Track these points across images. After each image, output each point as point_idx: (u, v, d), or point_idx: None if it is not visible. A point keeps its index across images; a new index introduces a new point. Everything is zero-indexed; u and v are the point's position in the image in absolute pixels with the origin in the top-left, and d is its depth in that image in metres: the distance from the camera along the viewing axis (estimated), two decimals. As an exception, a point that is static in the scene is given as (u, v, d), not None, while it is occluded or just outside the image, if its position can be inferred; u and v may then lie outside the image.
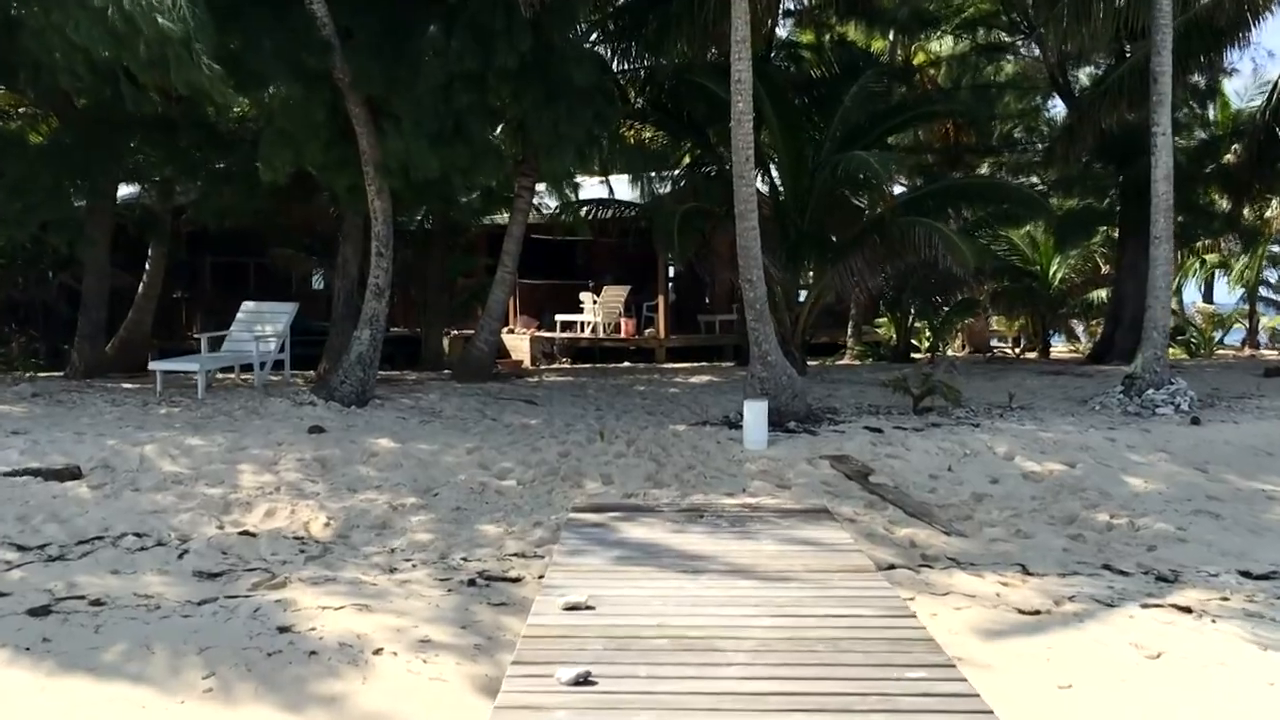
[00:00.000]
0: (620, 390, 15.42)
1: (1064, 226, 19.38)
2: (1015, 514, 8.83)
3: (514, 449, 10.23)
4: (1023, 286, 21.52)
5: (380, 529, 8.13)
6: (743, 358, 20.65)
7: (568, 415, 12.56)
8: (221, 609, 6.51)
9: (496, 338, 16.03)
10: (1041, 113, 23.10)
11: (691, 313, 26.78)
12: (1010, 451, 10.29)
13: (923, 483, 9.53)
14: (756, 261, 10.77)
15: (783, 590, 5.38)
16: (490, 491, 9.03)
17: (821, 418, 11.63)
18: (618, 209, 17.42)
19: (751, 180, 10.61)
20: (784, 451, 10.11)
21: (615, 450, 10.27)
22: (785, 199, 15.49)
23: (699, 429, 11.23)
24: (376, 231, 12.22)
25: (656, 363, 22.67)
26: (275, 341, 13.68)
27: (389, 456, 9.82)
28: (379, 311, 12.32)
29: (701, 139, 16.62)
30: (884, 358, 23.24)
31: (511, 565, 7.40)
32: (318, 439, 10.25)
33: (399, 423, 11.44)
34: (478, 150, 11.34)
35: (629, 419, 12.44)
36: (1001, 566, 7.62)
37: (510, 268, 15.27)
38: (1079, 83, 20.33)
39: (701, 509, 7.81)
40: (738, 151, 10.54)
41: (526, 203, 15.30)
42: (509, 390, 14.47)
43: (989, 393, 14.04)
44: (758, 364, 11.13)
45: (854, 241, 14.72)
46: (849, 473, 9.58)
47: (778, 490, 9.13)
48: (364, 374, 12.15)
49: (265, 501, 8.47)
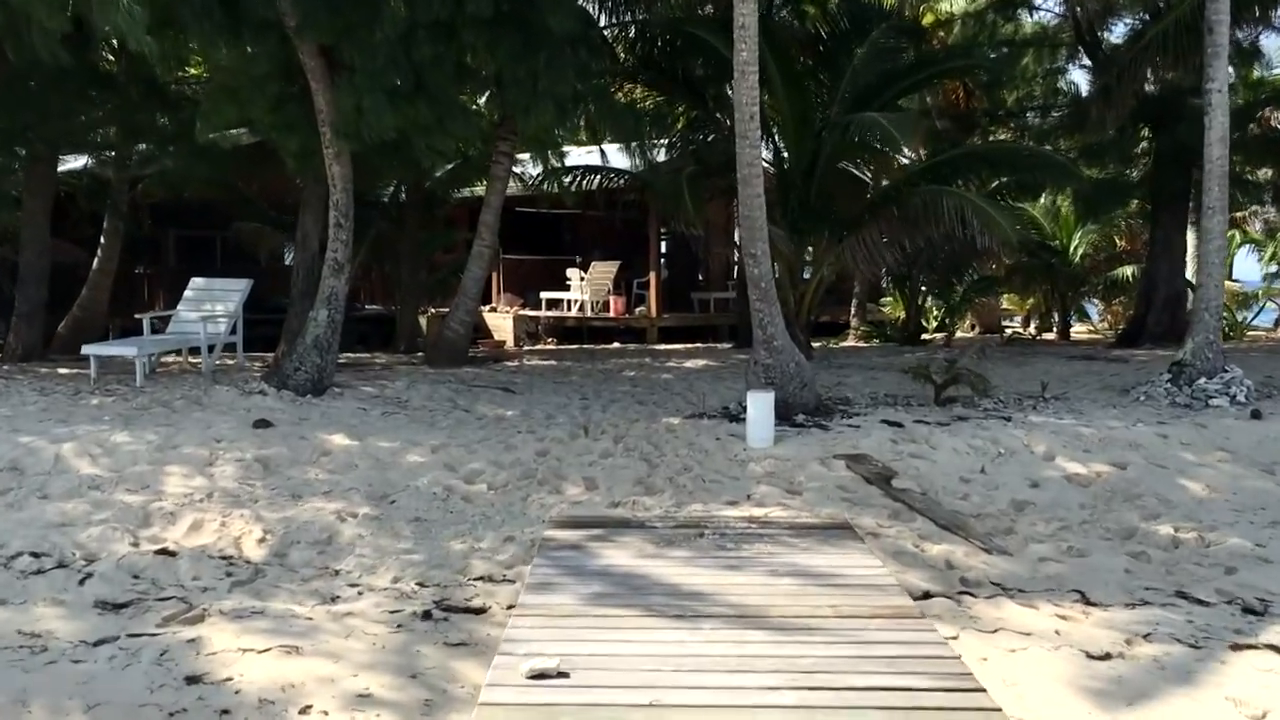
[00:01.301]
0: (608, 376, 14.40)
1: (1096, 196, 18.29)
2: (1063, 526, 7.81)
3: (486, 446, 9.20)
4: (1042, 263, 20.48)
5: (325, 545, 7.09)
6: (740, 339, 19.69)
7: (549, 405, 11.54)
8: (121, 652, 5.47)
9: (473, 318, 14.99)
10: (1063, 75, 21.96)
11: (685, 290, 25.96)
12: (1050, 450, 9.27)
13: (953, 487, 8.51)
14: (761, 234, 9.71)
15: (808, 647, 4.35)
16: (456, 498, 8.00)
17: (833, 409, 10.61)
18: (606, 177, 16.30)
19: (756, 141, 9.54)
20: (793, 450, 9.08)
21: (601, 448, 9.24)
22: (789, 166, 14.42)
23: (696, 422, 10.22)
24: (335, 200, 11.14)
25: (648, 343, 21.77)
26: (226, 322, 12.60)
27: (343, 456, 8.79)
28: (338, 289, 11.25)
29: (698, 100, 15.52)
30: (891, 339, 22.31)
31: (475, 592, 6.37)
32: (263, 435, 9.22)
33: (358, 415, 10.40)
34: (442, 108, 10.22)
35: (617, 410, 11.42)
36: (1056, 594, 6.60)
37: (488, 241, 14.22)
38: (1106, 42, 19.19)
39: (701, 523, 6.77)
40: (740, 108, 9.46)
41: (505, 169, 14.23)
42: (485, 376, 13.43)
43: (1016, 380, 13.03)
44: (761, 349, 10.09)
45: (867, 213, 13.65)
46: (868, 476, 8.55)
47: (787, 497, 8.10)
48: (321, 359, 11.10)
49: (192, 511, 7.42)
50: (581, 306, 23.18)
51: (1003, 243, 12.25)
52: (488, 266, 14.77)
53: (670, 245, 27.00)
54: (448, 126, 10.37)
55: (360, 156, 11.95)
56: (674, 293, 25.42)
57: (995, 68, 17.60)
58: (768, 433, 9.26)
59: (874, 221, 13.30)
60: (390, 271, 20.08)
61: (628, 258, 24.30)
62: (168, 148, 13.82)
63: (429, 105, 10.09)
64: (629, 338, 22.81)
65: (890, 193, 13.85)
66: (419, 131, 10.36)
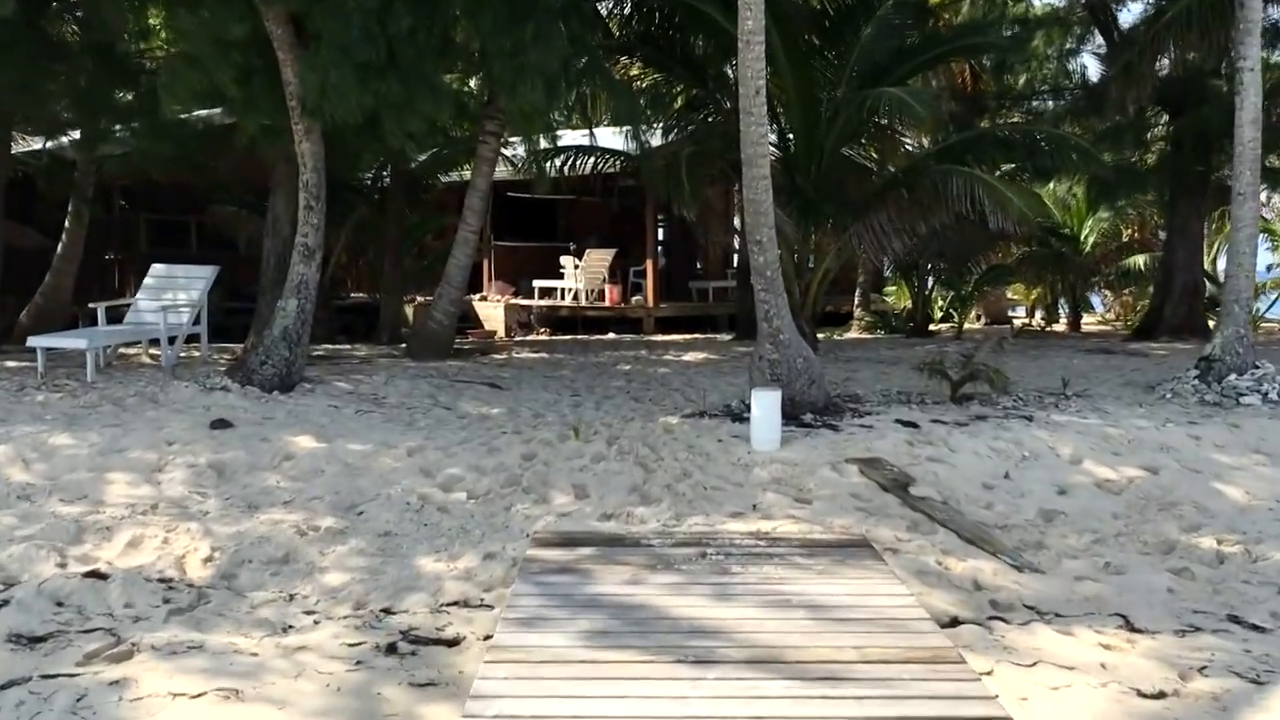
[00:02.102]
0: (602, 370, 13.73)
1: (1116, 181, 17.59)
2: (1097, 538, 7.15)
3: (467, 449, 8.53)
4: (1053, 252, 19.79)
5: (280, 565, 6.40)
6: (741, 330, 19.04)
7: (537, 403, 10.88)
8: (32, 697, 4.78)
9: (458, 308, 14.30)
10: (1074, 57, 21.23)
11: (682, 279, 25.43)
12: (1077, 453, 8.61)
13: (976, 494, 7.85)
14: (767, 219, 9.01)
15: (835, 705, 3.67)
16: (431, 508, 7.32)
17: (843, 408, 9.93)
18: (600, 159, 15.57)
19: (763, 117, 8.83)
20: (801, 453, 8.41)
21: (592, 451, 8.56)
22: (795, 148, 13.69)
23: (696, 422, 9.55)
24: (305, 180, 10.43)
25: (644, 334, 21.16)
26: (189, 312, 11.88)
27: (308, 460, 8.10)
28: (309, 277, 10.55)
29: (698, 78, 14.80)
30: (896, 330, 21.67)
31: (449, 620, 5.69)
32: (221, 437, 8.53)
33: (329, 414, 9.72)
34: (413, 85, 9.47)
35: (611, 407, 10.76)
36: (1096, 618, 5.93)
37: (474, 226, 13.53)
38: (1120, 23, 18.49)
39: (703, 540, 6.11)
40: (745, 82, 8.76)
41: (492, 150, 13.54)
42: (470, 370, 12.75)
43: (1033, 375, 12.36)
44: (767, 343, 9.40)
45: (876, 196, 12.94)
46: (884, 482, 7.88)
47: (796, 506, 7.43)
48: (290, 353, 10.40)
49: (132, 526, 6.73)
50: (576, 295, 22.60)
51: (1018, 222, 11.52)
52: (473, 253, 14.07)
53: (668, 232, 26.41)
54: (417, 105, 9.62)
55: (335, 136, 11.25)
56: (671, 281, 24.88)
57: (1010, 46, 16.86)
58: (774, 434, 8.59)
59: (883, 206, 12.59)
60: (374, 258, 19.39)
61: (624, 245, 23.74)
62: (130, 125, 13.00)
63: (400, 82, 9.36)
64: (625, 328, 22.25)
65: (900, 175, 13.13)
66: (389, 110, 9.62)
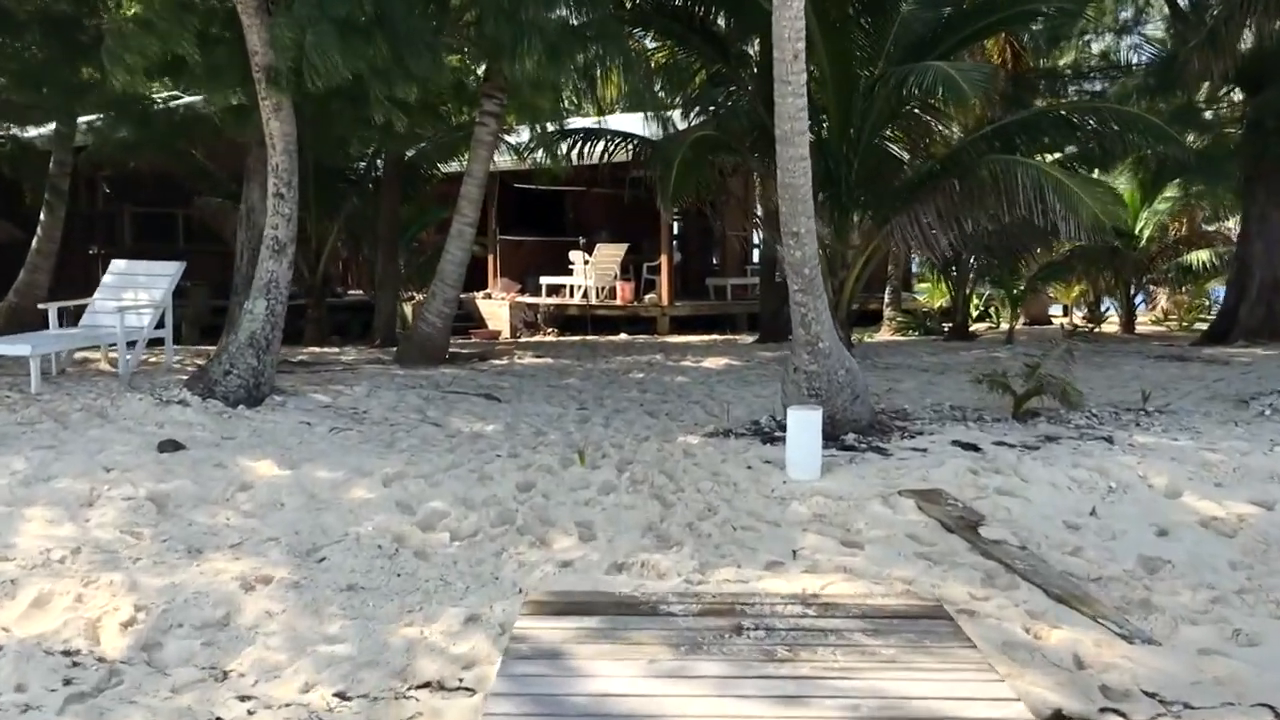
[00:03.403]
0: (612, 378, 12.63)
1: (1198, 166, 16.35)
2: (1215, 596, 6.01)
3: (454, 477, 7.45)
4: (1105, 247, 18.62)
5: (217, 629, 5.30)
6: (765, 331, 17.96)
7: (539, 418, 9.81)
8: None
9: (452, 309, 13.23)
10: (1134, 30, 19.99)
11: (699, 276, 24.58)
12: (1173, 484, 7.48)
13: (1058, 537, 6.71)
14: (806, 207, 7.90)
15: None
16: (407, 553, 6.22)
17: (890, 426, 8.84)
18: (610, 142, 14.47)
19: (801, 88, 7.70)
20: (846, 483, 7.31)
21: (600, 480, 7.48)
22: (830, 131, 12.55)
23: (720, 443, 8.47)
24: (274, 164, 9.35)
25: (658, 334, 20.13)
26: (151, 314, 10.80)
27: (266, 491, 7.02)
28: (279, 274, 9.48)
29: (721, 53, 13.66)
30: (932, 331, 20.57)
31: (418, 709, 4.60)
32: (168, 462, 7.47)
33: (299, 432, 8.65)
34: (405, 43, 8.37)
35: (622, 423, 9.68)
36: (1237, 710, 4.81)
37: (470, 218, 12.46)
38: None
39: (737, 607, 5.01)
40: (782, 44, 7.63)
41: (491, 133, 12.46)
42: (465, 379, 11.68)
43: (1102, 386, 11.24)
44: (804, 352, 8.28)
45: (921, 186, 11.81)
46: (948, 522, 6.77)
47: (844, 552, 6.32)
48: (258, 361, 9.34)
49: (42, 578, 5.65)
50: (585, 293, 21.69)
51: (1094, 227, 10.36)
52: (470, 247, 12.99)
53: (683, 225, 25.46)
54: (411, 68, 8.52)
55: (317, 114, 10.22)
56: (687, 278, 24.03)
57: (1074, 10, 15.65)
58: (814, 461, 7.49)
59: (929, 197, 11.47)
60: (370, 254, 18.39)
61: (636, 239, 22.80)
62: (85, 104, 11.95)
63: (388, 41, 8.25)
64: (637, 328, 21.29)
65: (949, 163, 11.98)
66: (375, 76, 8.52)
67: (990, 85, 10.20)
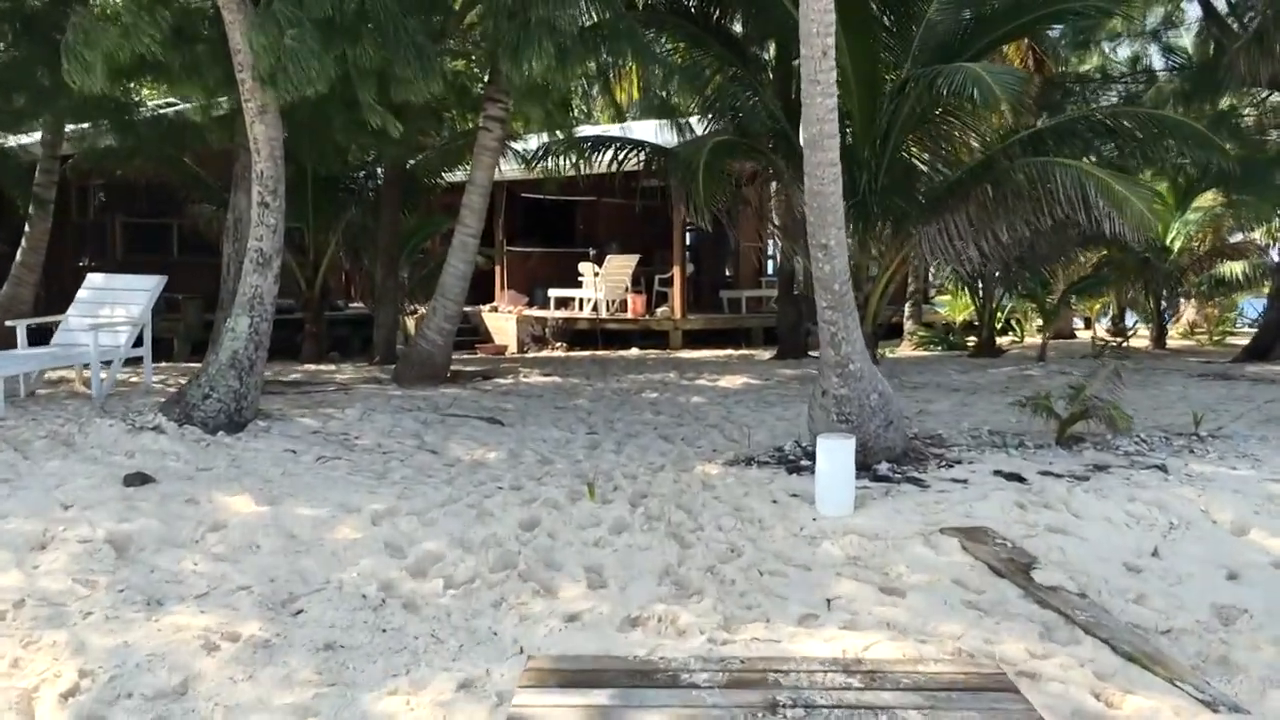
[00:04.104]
0: (624, 399, 12.03)
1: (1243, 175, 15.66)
2: (1302, 651, 5.36)
3: (451, 514, 6.85)
4: (1136, 258, 17.99)
5: (173, 701, 4.69)
6: (783, 347, 17.35)
7: (545, 444, 9.22)
8: None
9: (454, 325, 12.64)
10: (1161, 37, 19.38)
11: (713, 288, 24.00)
12: (1240, 520, 6.86)
13: (1119, 581, 6.08)
14: (836, 216, 7.29)
15: None
16: (395, 604, 5.60)
17: (925, 454, 8.22)
18: (621, 149, 13.87)
19: (831, 86, 7.09)
20: (882, 519, 6.69)
21: (612, 516, 6.87)
22: (854, 137, 11.93)
23: (741, 472, 7.88)
24: (259, 171, 8.77)
25: (671, 348, 19.54)
26: (128, 331, 10.21)
27: (240, 531, 6.41)
28: (264, 289, 8.89)
29: (736, 54, 13.06)
30: (955, 345, 19.94)
31: (399, 802, 3.98)
32: (135, 497, 6.88)
33: (283, 462, 8.04)
34: (394, 45, 7.77)
35: (635, 449, 9.09)
36: (1350, 797, 4.17)
37: (473, 228, 11.88)
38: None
39: (769, 676, 4.37)
40: (810, 39, 7.02)
41: (496, 139, 11.90)
42: (466, 401, 11.08)
43: (1145, 407, 10.62)
44: (833, 375, 7.66)
45: (950, 193, 11.19)
46: (997, 565, 6.13)
47: (885, 600, 5.70)
48: (240, 383, 8.74)
49: (-25, 638, 5.03)
50: (595, 306, 21.17)
51: (1138, 227, 9.74)
52: (473, 259, 12.41)
53: (696, 237, 24.94)
54: (401, 72, 7.92)
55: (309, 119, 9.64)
56: (700, 291, 23.52)
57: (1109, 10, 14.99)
58: (846, 495, 6.88)
59: (960, 205, 10.86)
60: (369, 266, 17.83)
61: (648, 251, 22.32)
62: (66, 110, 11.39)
63: (375, 43, 7.66)
64: (649, 342, 20.73)
65: (980, 169, 11.34)
66: (363, 79, 7.93)
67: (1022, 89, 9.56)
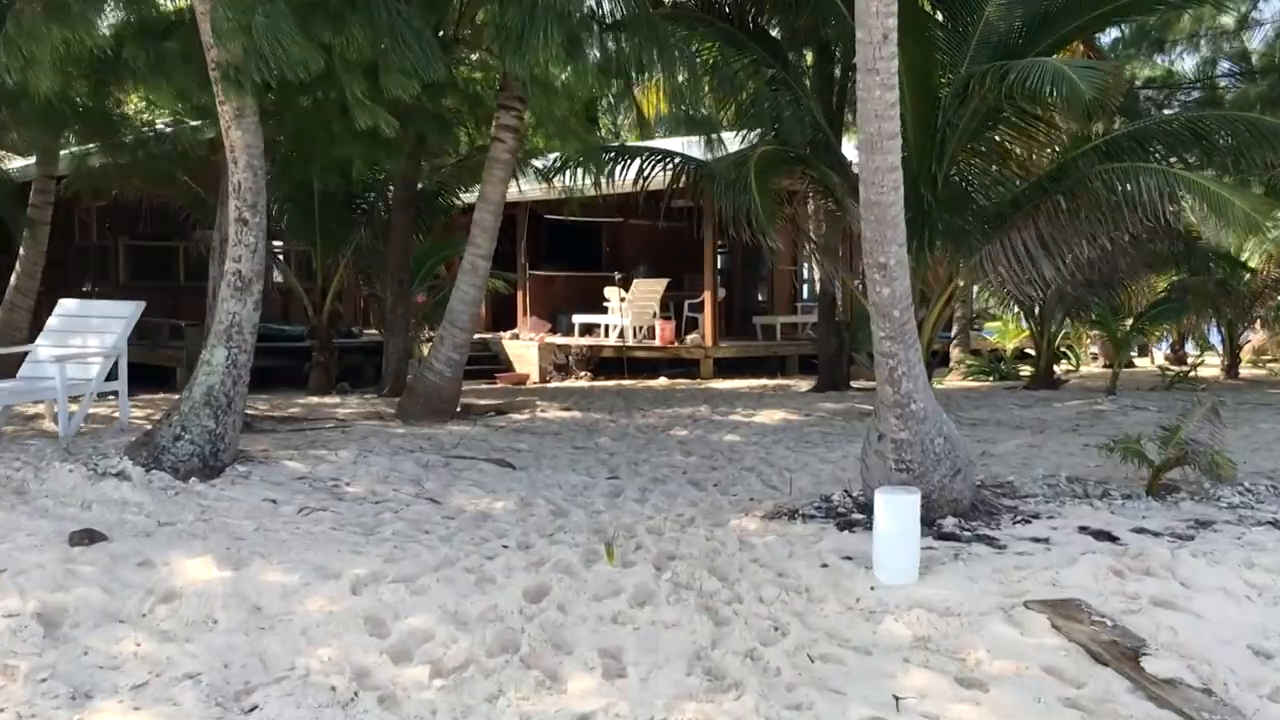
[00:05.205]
0: (650, 437, 11.16)
1: None
2: None
3: (445, 580, 5.96)
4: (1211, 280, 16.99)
5: (79, 833, 3.81)
6: (823, 378, 16.47)
7: (560, 490, 8.36)
8: None
9: (463, 355, 11.82)
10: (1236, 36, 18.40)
11: (745, 314, 23.28)
12: (1384, 591, 5.88)
13: (1247, 670, 5.12)
14: (897, 231, 6.40)
15: None
16: (369, 700, 4.72)
17: (996, 506, 7.30)
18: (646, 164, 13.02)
19: (892, 78, 6.22)
20: (954, 590, 5.77)
21: (633, 583, 5.96)
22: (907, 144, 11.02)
23: (784, 527, 6.99)
24: (235, 183, 7.97)
25: (702, 378, 18.76)
26: (100, 363, 9.42)
27: (196, 602, 5.54)
28: (243, 317, 8.07)
29: (776, 56, 12.20)
30: (1007, 375, 18.98)
31: None
32: (80, 559, 6.06)
33: (260, 514, 7.20)
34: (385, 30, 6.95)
35: (662, 497, 8.21)
36: None
37: (484, 249, 11.09)
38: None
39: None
40: (868, 21, 6.14)
41: (509, 149, 11.13)
42: (476, 439, 10.25)
43: (1240, 449, 9.66)
44: (891, 416, 6.75)
45: (1015, 206, 10.28)
46: (1097, 649, 5.19)
47: (964, 696, 4.78)
48: (216, 422, 7.92)
49: None
50: (621, 333, 20.44)
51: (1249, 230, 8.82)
52: (484, 283, 11.61)
53: (727, 259, 24.19)
54: (394, 60, 7.10)
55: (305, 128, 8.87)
56: (732, 316, 22.83)
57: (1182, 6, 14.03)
58: (910, 560, 5.96)
59: (1028, 220, 9.95)
60: (379, 290, 17.10)
61: (677, 274, 21.61)
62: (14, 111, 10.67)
63: (363, 27, 6.83)
64: (678, 370, 19.95)
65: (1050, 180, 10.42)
66: (349, 71, 7.10)
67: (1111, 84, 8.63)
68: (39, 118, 9.80)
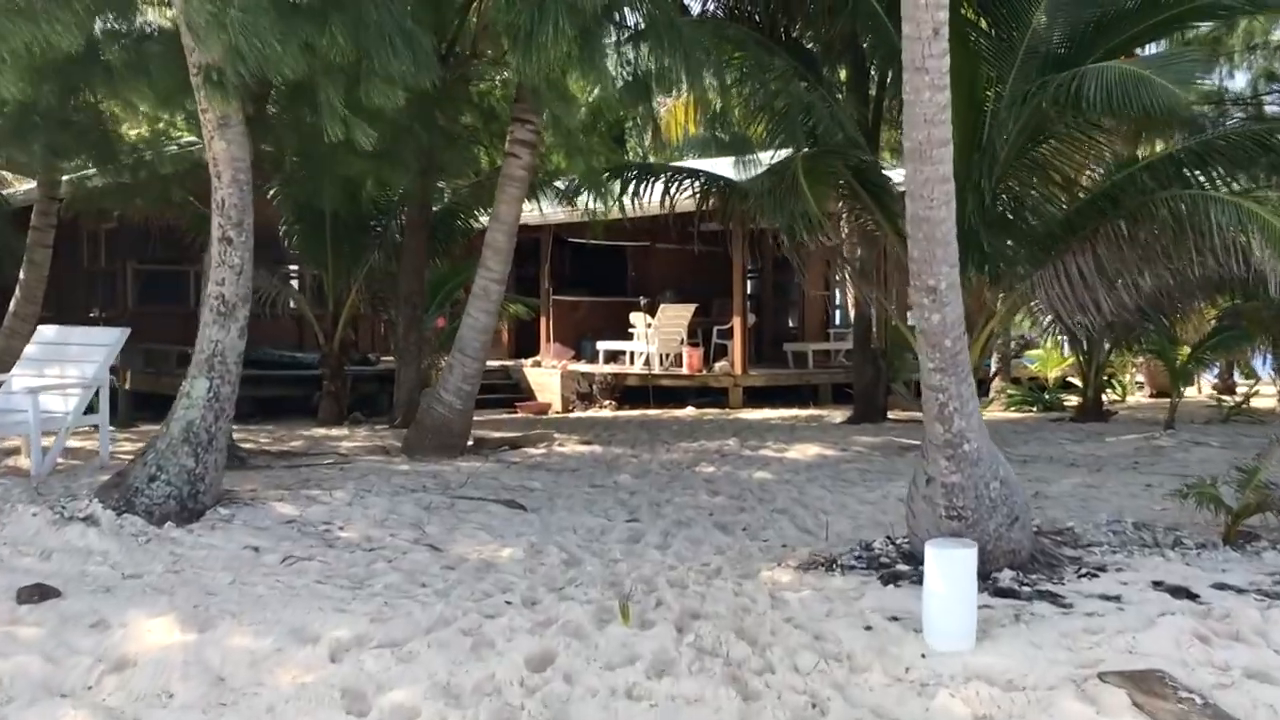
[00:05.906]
0: (674, 474, 10.50)
1: None
2: None
3: (438, 643, 5.30)
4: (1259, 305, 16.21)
5: None
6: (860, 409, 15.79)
7: (575, 534, 7.72)
8: None
9: (473, 386, 11.20)
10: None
11: (775, 340, 22.65)
12: None
13: (1365, 764, 4.41)
14: (948, 251, 5.74)
15: None
16: (338, 796, 4.06)
17: (1058, 557, 6.61)
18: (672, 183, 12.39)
19: (943, 78, 5.56)
20: (1016, 658, 5.09)
21: (651, 648, 5.28)
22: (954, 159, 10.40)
23: (820, 579, 6.33)
24: (219, 199, 7.39)
25: (730, 408, 18.19)
26: (79, 395, 8.84)
27: (151, 672, 4.91)
28: (226, 345, 7.46)
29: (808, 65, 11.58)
30: (1051, 405, 18.25)
31: None
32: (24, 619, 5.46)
33: (238, 564, 6.58)
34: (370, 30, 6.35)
35: (685, 543, 7.56)
36: None
37: (498, 272, 10.53)
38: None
39: None
40: (916, 14, 5.47)
41: (524, 166, 10.55)
42: (485, 477, 9.63)
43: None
44: (941, 457, 6.06)
45: (1069, 230, 9.59)
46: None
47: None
48: (195, 461, 7.30)
49: None
50: (647, 360, 19.90)
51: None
52: (496, 308, 11.01)
53: (757, 285, 23.57)
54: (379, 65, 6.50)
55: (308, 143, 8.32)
56: (762, 343, 22.30)
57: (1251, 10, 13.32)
58: (966, 623, 5.27)
59: (1084, 245, 9.25)
60: (393, 315, 16.55)
61: (705, 299, 21.01)
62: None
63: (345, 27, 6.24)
64: (706, 399, 19.36)
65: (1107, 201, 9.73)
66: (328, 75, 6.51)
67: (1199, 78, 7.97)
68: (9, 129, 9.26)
